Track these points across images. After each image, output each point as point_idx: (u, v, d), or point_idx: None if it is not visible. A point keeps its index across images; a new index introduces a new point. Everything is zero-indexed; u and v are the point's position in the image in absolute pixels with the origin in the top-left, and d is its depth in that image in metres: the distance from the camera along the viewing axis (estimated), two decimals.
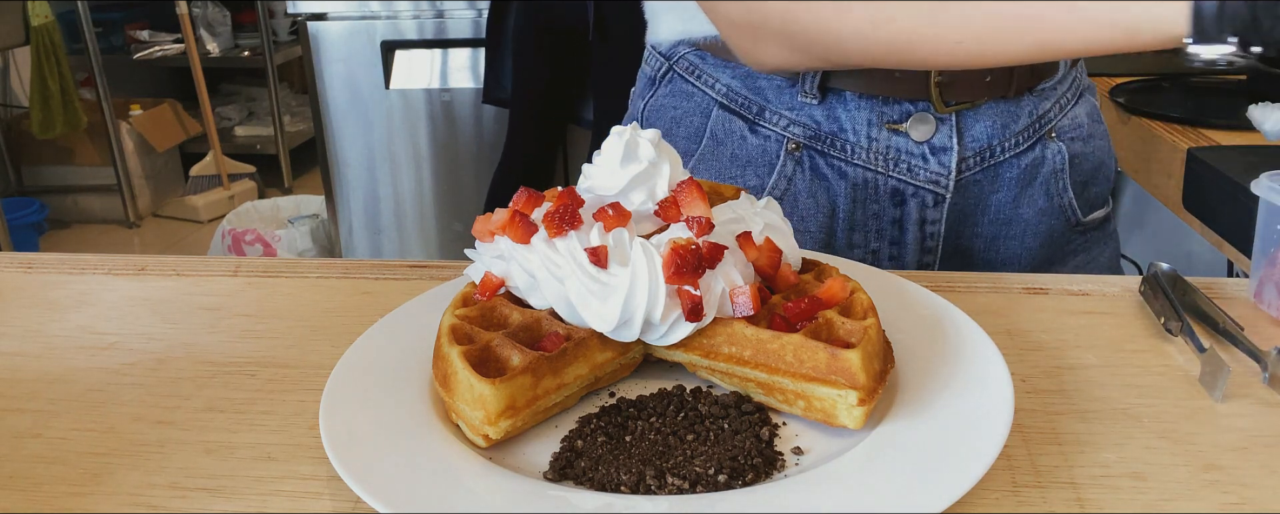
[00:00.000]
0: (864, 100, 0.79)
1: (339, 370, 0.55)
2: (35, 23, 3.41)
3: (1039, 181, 0.83)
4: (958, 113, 0.80)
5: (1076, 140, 0.84)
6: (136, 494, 0.49)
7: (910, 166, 0.80)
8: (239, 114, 4.41)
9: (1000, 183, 0.82)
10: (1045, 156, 0.83)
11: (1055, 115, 0.83)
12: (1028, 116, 0.82)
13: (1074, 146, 0.84)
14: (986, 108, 0.80)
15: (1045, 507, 0.47)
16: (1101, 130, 0.87)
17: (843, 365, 0.50)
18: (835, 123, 0.80)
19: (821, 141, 0.81)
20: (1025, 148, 0.82)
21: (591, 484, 0.48)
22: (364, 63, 2.48)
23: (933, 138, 0.80)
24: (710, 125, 0.84)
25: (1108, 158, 0.89)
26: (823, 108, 0.80)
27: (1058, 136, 0.83)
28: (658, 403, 0.54)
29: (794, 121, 0.81)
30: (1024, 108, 0.81)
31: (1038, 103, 0.82)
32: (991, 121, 0.80)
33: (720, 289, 0.54)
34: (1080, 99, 0.86)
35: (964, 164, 0.81)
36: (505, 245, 0.57)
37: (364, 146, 2.57)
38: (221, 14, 4.12)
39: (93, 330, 0.67)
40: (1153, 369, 0.59)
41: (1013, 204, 0.83)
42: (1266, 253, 0.65)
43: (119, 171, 3.74)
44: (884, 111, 0.79)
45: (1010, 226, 0.84)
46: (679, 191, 0.58)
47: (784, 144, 0.81)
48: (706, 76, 0.84)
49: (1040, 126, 0.82)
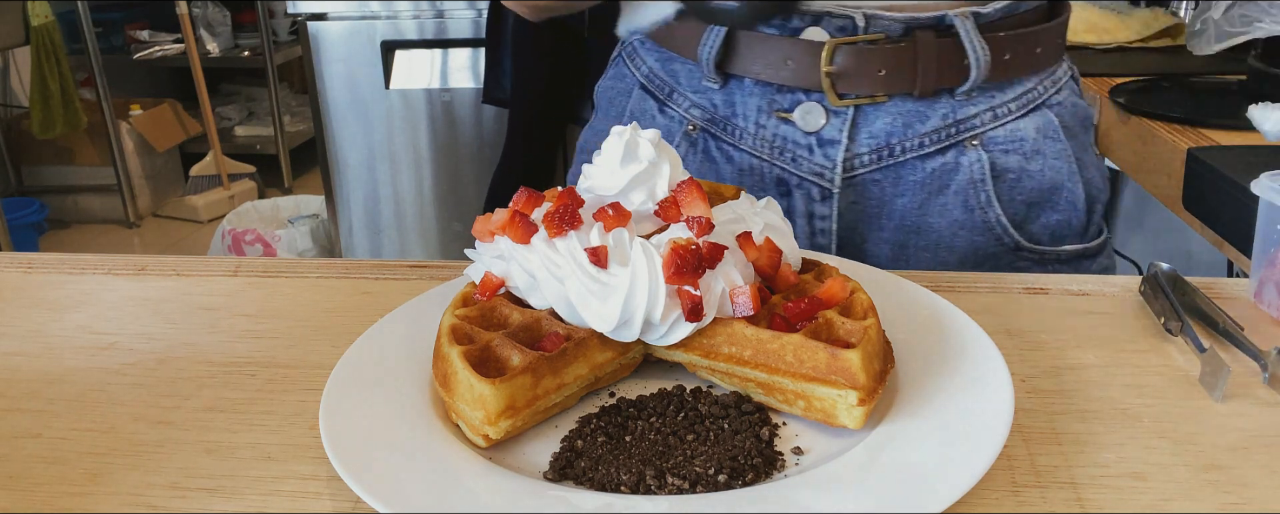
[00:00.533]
0: (759, 87, 0.80)
1: (339, 370, 0.55)
2: (35, 23, 3.41)
3: (953, 190, 0.79)
4: (858, 107, 0.78)
5: (1012, 154, 0.79)
6: (136, 494, 0.49)
7: (795, 156, 0.79)
8: (239, 114, 4.41)
9: (903, 186, 0.79)
10: (959, 164, 0.79)
11: (984, 123, 0.79)
12: (941, 119, 0.78)
13: (1006, 159, 0.79)
14: (892, 105, 0.78)
15: (1045, 507, 0.47)
16: (1060, 150, 0.81)
17: (843, 365, 0.50)
18: (731, 107, 0.81)
19: (715, 125, 0.82)
20: (933, 151, 0.78)
21: (591, 484, 0.48)
22: (364, 63, 2.48)
23: (822, 129, 0.78)
24: (629, 105, 0.87)
25: (1069, 182, 0.82)
26: (723, 92, 0.81)
27: (983, 146, 0.79)
28: (658, 403, 0.54)
29: (696, 104, 0.82)
30: (937, 109, 0.78)
31: (958, 107, 0.78)
32: (894, 119, 0.78)
33: (720, 289, 0.54)
34: (1032, 113, 0.80)
35: (856, 160, 0.78)
36: (505, 245, 0.57)
37: (364, 146, 2.57)
38: (221, 14, 4.12)
39: (93, 330, 0.67)
40: (1153, 369, 0.59)
41: (920, 211, 0.80)
42: (1266, 253, 0.65)
43: (119, 171, 3.74)
44: (776, 99, 0.79)
45: (919, 235, 0.80)
46: (679, 191, 0.58)
47: (685, 126, 0.83)
48: (638, 59, 0.88)
49: (956, 131, 0.78)
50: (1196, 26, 1.61)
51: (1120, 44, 1.73)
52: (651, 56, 0.87)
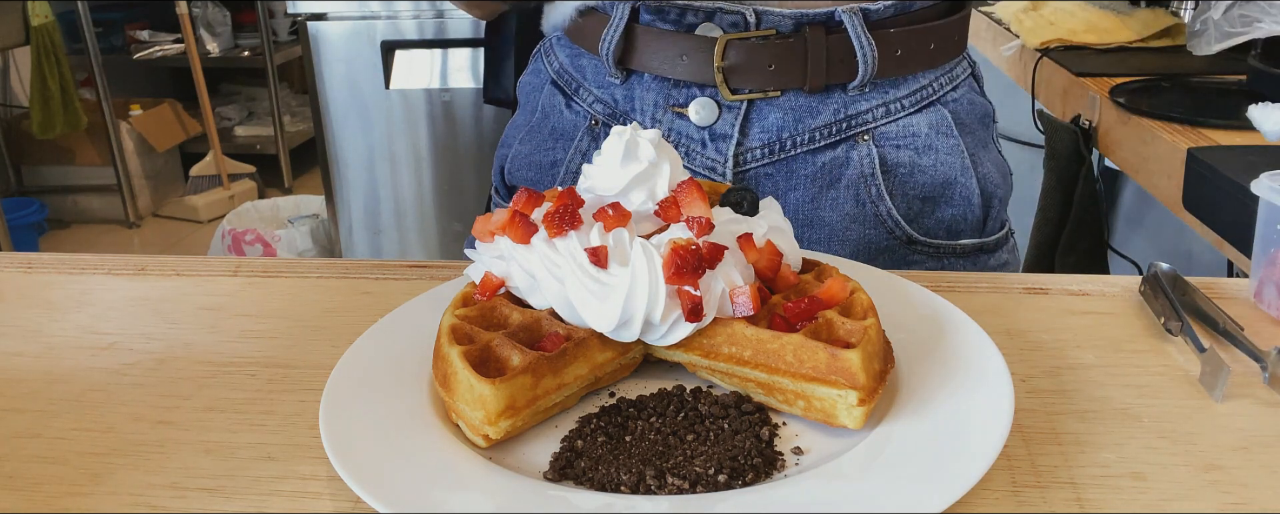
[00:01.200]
0: (657, 82, 0.81)
1: (339, 370, 0.55)
2: (35, 23, 3.41)
3: (844, 183, 0.80)
4: (751, 102, 0.79)
5: (903, 149, 0.80)
6: (136, 494, 0.49)
7: (689, 150, 0.81)
8: (239, 114, 4.41)
9: (796, 179, 0.80)
10: (850, 158, 0.79)
11: (876, 119, 0.79)
12: (832, 114, 0.79)
13: (897, 154, 0.80)
14: (784, 100, 0.79)
15: (1045, 507, 0.47)
16: (953, 146, 0.82)
17: (843, 365, 0.50)
18: (630, 102, 0.83)
19: (616, 119, 0.84)
20: (822, 145, 0.79)
21: (591, 484, 0.48)
22: (364, 63, 2.48)
23: (714, 124, 0.79)
24: (541, 100, 0.90)
25: (962, 177, 0.82)
26: (624, 88, 0.83)
27: (874, 141, 0.79)
28: (658, 403, 0.54)
29: (599, 99, 0.84)
30: (828, 105, 0.79)
31: (850, 102, 0.79)
32: (785, 114, 0.79)
33: (720, 289, 0.54)
34: (926, 109, 0.81)
35: (747, 154, 0.79)
36: (505, 245, 0.57)
37: (364, 146, 2.57)
38: (221, 14, 4.12)
39: (93, 330, 0.67)
40: (1153, 369, 0.59)
41: (813, 204, 0.80)
42: (1266, 253, 0.65)
43: (119, 171, 3.74)
44: (672, 94, 0.81)
45: (813, 228, 0.81)
46: (679, 192, 0.58)
47: (588, 120, 0.85)
48: (552, 55, 0.90)
49: (848, 126, 0.79)
50: (1196, 26, 1.62)
51: (1120, 44, 1.73)
52: (564, 52, 0.89)
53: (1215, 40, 1.55)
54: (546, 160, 0.88)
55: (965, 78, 0.86)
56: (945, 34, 0.82)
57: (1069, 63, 1.63)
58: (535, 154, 0.89)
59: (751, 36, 0.77)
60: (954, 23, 0.83)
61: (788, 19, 0.76)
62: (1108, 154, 1.45)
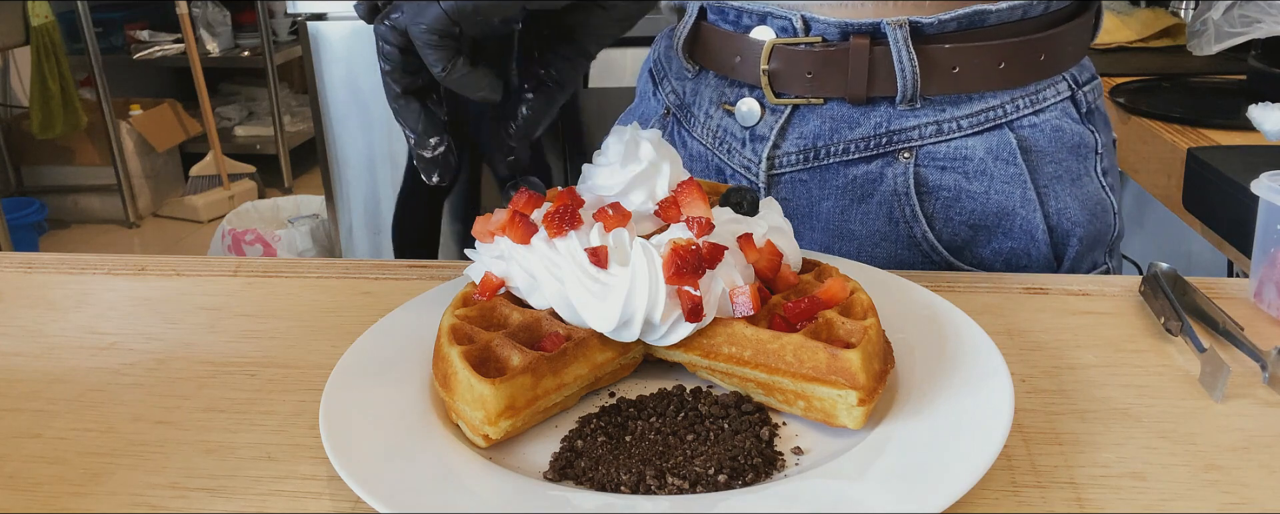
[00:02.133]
0: (718, 79, 0.83)
1: (339, 370, 0.55)
2: (35, 23, 3.41)
3: (877, 199, 0.78)
4: (795, 107, 0.79)
5: (950, 172, 0.76)
6: (136, 494, 0.49)
7: (731, 148, 0.82)
8: (239, 114, 4.41)
9: (828, 189, 0.79)
10: (884, 174, 0.77)
11: (923, 137, 0.76)
12: (872, 127, 0.76)
13: (940, 176, 0.76)
14: (827, 108, 0.77)
15: (1045, 507, 0.47)
16: (1014, 175, 0.77)
17: (843, 365, 0.50)
18: (695, 96, 0.85)
19: (682, 111, 0.87)
20: (857, 158, 0.77)
21: (591, 484, 0.48)
22: (364, 63, 2.48)
23: (756, 125, 0.80)
24: (640, 85, 0.95)
25: (1022, 209, 0.77)
26: (693, 81, 0.86)
27: (917, 160, 0.76)
28: (658, 403, 0.54)
29: (674, 89, 0.87)
30: (871, 117, 0.76)
31: (895, 117, 0.76)
32: (824, 122, 0.78)
33: (720, 289, 0.54)
34: (985, 133, 0.76)
35: (782, 158, 0.79)
36: (505, 246, 0.57)
37: (364, 146, 2.57)
38: (221, 14, 4.12)
39: (93, 330, 0.67)
40: (1153, 369, 0.59)
41: (843, 216, 0.79)
42: (1266, 253, 0.65)
43: (119, 171, 3.74)
44: (727, 92, 0.82)
45: (843, 240, 0.79)
46: (679, 192, 0.58)
47: (663, 108, 0.89)
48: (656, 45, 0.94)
49: (889, 141, 0.76)
50: (1196, 26, 1.62)
51: (1120, 44, 1.73)
52: (664, 43, 0.92)
53: (1215, 40, 1.55)
54: None
55: (1059, 101, 0.78)
56: (1023, 53, 0.75)
57: None
58: None
59: (799, 43, 0.76)
60: (1040, 41, 0.75)
61: (834, 27, 0.75)
62: None
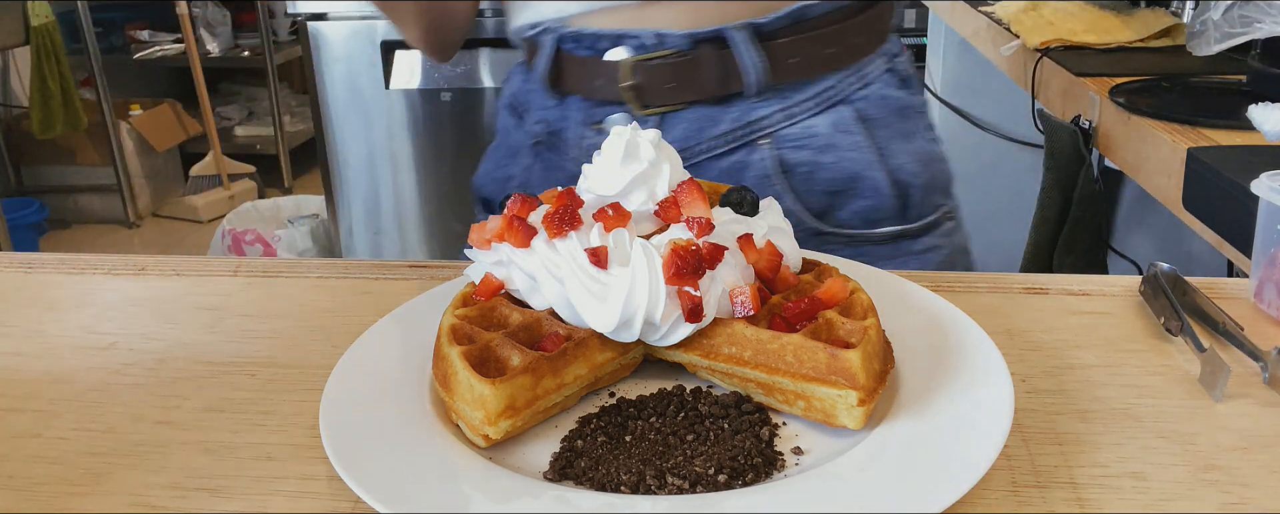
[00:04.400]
0: (582, 102, 0.89)
1: (339, 370, 0.55)
2: (35, 23, 3.41)
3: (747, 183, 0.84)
4: (662, 115, 0.86)
5: (803, 149, 0.86)
6: (136, 494, 0.49)
7: None
8: (239, 114, 4.41)
9: None
10: (749, 161, 0.86)
11: (775, 123, 0.85)
12: (731, 122, 0.85)
13: (796, 154, 0.86)
14: (690, 112, 0.86)
15: (1045, 507, 0.47)
16: (856, 142, 0.87)
17: (843, 366, 0.50)
18: (563, 122, 0.91)
19: (552, 137, 0.92)
20: (724, 151, 0.86)
21: (591, 484, 0.48)
22: (364, 63, 2.48)
23: None
24: (500, 122, 1.00)
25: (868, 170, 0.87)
26: (558, 108, 0.91)
27: (774, 144, 0.85)
28: (658, 403, 0.54)
29: (540, 119, 0.92)
30: (728, 114, 0.85)
31: (750, 109, 0.85)
32: (690, 124, 0.86)
33: (720, 290, 0.54)
34: (827, 111, 0.87)
35: None
36: (505, 251, 0.57)
37: (364, 146, 2.57)
38: (221, 14, 4.12)
39: (93, 330, 0.67)
40: (1153, 369, 0.59)
41: None
42: (1266, 253, 0.65)
43: (119, 171, 3.74)
44: (594, 113, 0.89)
45: None
46: (679, 192, 0.58)
47: (531, 139, 0.94)
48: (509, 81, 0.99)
49: (748, 132, 0.85)
50: (1196, 27, 1.61)
51: (1120, 44, 1.73)
52: (518, 78, 0.98)
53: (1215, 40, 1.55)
54: (503, 175, 0.97)
55: (879, 74, 0.89)
56: (846, 38, 0.86)
57: (1069, 63, 1.63)
58: (495, 170, 0.98)
59: (654, 57, 0.84)
60: (856, 24, 0.87)
61: (684, 38, 0.83)
62: (1108, 154, 1.45)
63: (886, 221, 0.89)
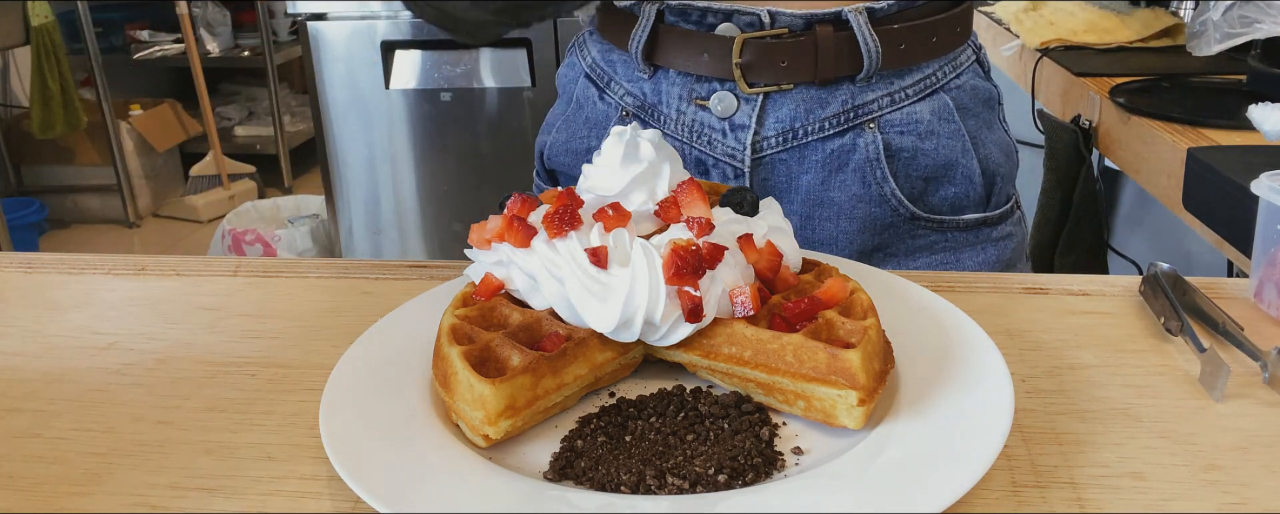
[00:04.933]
0: (681, 77, 0.88)
1: (339, 370, 0.55)
2: (35, 23, 3.41)
3: (851, 167, 0.86)
4: (766, 94, 0.85)
5: (907, 135, 0.86)
6: (136, 494, 0.49)
7: (711, 140, 0.87)
8: (239, 114, 4.41)
9: (807, 164, 0.86)
10: (857, 144, 0.86)
11: (881, 108, 0.85)
12: (840, 104, 0.85)
13: (900, 140, 0.86)
14: (797, 92, 0.85)
15: (1045, 507, 0.47)
16: (954, 131, 0.88)
17: (843, 366, 0.50)
18: (658, 95, 0.89)
19: (645, 111, 0.90)
20: (832, 133, 0.85)
21: (591, 484, 0.48)
22: (364, 63, 2.48)
23: (733, 115, 0.86)
24: (576, 92, 0.96)
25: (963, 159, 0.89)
26: (651, 82, 0.89)
27: (879, 128, 0.86)
28: (658, 403, 0.54)
29: (629, 92, 0.91)
30: (837, 96, 0.85)
31: (857, 93, 0.85)
32: (798, 105, 0.85)
33: (720, 290, 0.54)
34: (929, 97, 0.87)
35: (764, 143, 0.86)
36: (505, 251, 0.57)
37: (364, 146, 2.57)
38: (221, 14, 4.12)
39: (93, 330, 0.67)
40: (1153, 369, 0.59)
41: (823, 186, 0.87)
42: (1266, 253, 0.65)
43: (119, 171, 3.74)
44: (695, 88, 0.87)
45: (823, 208, 0.87)
46: (679, 192, 0.58)
47: (619, 111, 0.92)
48: (585, 49, 0.96)
49: (855, 115, 0.85)
50: (1196, 27, 1.61)
51: (1120, 44, 1.73)
52: (596, 48, 0.95)
53: (1215, 40, 1.55)
54: (582, 147, 0.95)
55: (969, 64, 0.91)
56: (947, 27, 0.87)
57: (1069, 63, 1.63)
58: (572, 142, 0.96)
59: (766, 35, 0.83)
60: (955, 15, 0.88)
61: (799, 18, 0.82)
62: (1108, 154, 1.45)
63: (970, 209, 0.90)
